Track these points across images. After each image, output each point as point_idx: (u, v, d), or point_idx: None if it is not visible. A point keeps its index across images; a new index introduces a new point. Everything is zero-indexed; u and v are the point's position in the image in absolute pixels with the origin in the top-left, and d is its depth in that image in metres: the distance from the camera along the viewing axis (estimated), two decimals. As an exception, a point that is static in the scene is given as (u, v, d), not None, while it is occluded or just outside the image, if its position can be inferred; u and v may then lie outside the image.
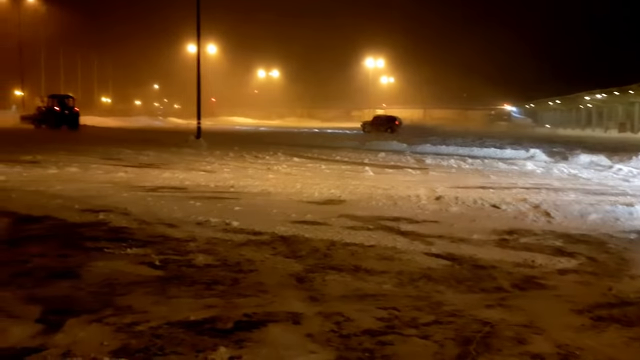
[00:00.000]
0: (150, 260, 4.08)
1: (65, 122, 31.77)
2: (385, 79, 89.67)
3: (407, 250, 4.58)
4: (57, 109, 32.77)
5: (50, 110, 32.90)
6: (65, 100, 34.04)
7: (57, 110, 32.77)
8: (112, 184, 8.23)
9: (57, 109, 32.77)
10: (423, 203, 6.92)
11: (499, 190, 8.53)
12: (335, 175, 10.27)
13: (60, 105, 33.22)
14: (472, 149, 18.42)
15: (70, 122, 32.03)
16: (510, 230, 5.49)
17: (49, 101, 33.79)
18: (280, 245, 4.62)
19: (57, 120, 31.95)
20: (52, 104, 33.32)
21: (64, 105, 33.29)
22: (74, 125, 31.92)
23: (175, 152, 15.55)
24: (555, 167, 12.91)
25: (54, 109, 32.82)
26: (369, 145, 19.99)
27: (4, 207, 6.03)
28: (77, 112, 33.50)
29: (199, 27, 23.36)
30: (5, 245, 4.44)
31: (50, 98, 34.25)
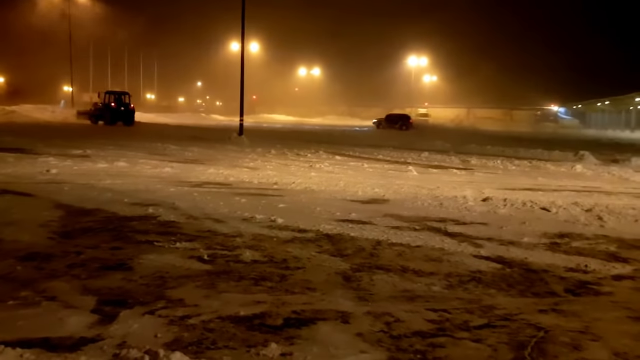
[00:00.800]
0: (199, 254, 4.13)
1: (120, 119, 32.25)
2: (428, 78, 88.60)
3: (455, 252, 4.50)
4: (113, 105, 33.23)
5: (106, 106, 33.31)
6: (121, 97, 34.52)
7: (114, 106, 33.22)
8: (159, 178, 8.40)
9: (113, 105, 33.23)
10: (470, 204, 6.79)
11: (548, 192, 8.31)
12: (378, 174, 10.20)
13: (117, 101, 33.69)
14: (518, 149, 18.02)
15: (126, 118, 32.45)
16: (562, 233, 5.34)
17: (106, 97, 34.25)
18: (326, 244, 4.61)
19: (113, 116, 32.41)
20: (109, 100, 33.75)
21: (120, 102, 33.76)
22: (129, 121, 32.27)
23: (219, 148, 15.77)
24: (606, 169, 12.51)
25: (110, 105, 33.25)
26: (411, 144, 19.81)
27: (57, 199, 6.22)
28: (132, 109, 33.90)
29: (243, 26, 23.60)
30: (60, 237, 4.57)
31: (107, 94, 34.73)
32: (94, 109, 34.95)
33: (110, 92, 35.50)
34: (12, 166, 9.16)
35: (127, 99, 34.50)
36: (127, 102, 34.20)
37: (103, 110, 33.33)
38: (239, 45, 27.58)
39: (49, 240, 4.47)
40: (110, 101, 33.64)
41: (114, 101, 33.66)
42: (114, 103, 33.46)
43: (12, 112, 35.66)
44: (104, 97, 34.31)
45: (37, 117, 35.49)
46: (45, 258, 3.96)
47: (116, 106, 33.31)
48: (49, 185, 7.33)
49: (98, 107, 34.32)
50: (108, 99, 33.88)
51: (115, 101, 33.70)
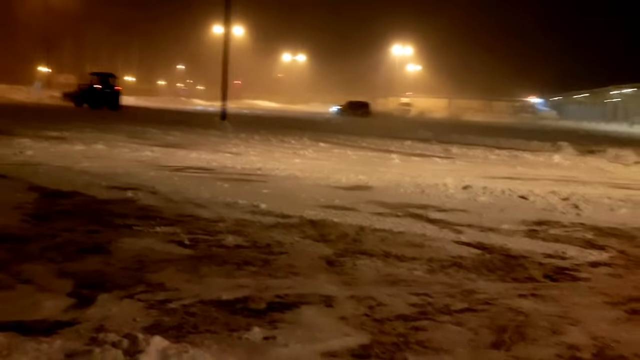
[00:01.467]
0: (179, 239, 4.08)
1: (105, 102, 29.96)
2: (412, 67, 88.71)
3: (436, 238, 4.52)
4: (97, 87, 31.02)
5: (91, 88, 31.17)
6: (107, 79, 32.22)
7: (98, 88, 30.98)
8: (138, 162, 8.29)
9: (97, 87, 31.02)
10: (451, 192, 6.84)
11: (526, 181, 8.40)
12: (362, 162, 10.21)
13: (102, 83, 31.46)
14: (499, 139, 18.19)
15: (111, 101, 30.10)
16: (540, 221, 5.40)
17: (91, 79, 32.19)
18: (310, 229, 4.60)
19: (97, 99, 30.24)
20: (93, 82, 31.64)
21: (106, 84, 31.52)
22: (114, 105, 29.95)
23: (201, 133, 15.63)
24: (582, 160, 12.71)
25: (94, 87, 31.06)
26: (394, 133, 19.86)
27: (32, 181, 6.09)
28: (118, 91, 31.61)
29: (227, 9, 23.34)
30: (35, 220, 4.48)
31: (92, 75, 32.62)
32: (78, 91, 32.97)
33: (95, 73, 33.34)
34: (-14, 147, 8.97)
35: (113, 81, 32.36)
36: (112, 84, 32.04)
37: (88, 92, 31.25)
38: (222, 29, 27.22)
39: (23, 222, 4.37)
40: (94, 83, 31.53)
41: (99, 83, 31.48)
42: (99, 85, 31.27)
43: (-15, 92, 34.78)
44: (90, 78, 32.32)
45: (12, 97, 34.55)
46: (19, 240, 3.87)
47: (101, 88, 31.09)
48: (24, 167, 7.18)
49: (83, 89, 32.32)
50: (93, 81, 31.85)
51: (101, 83, 31.50)
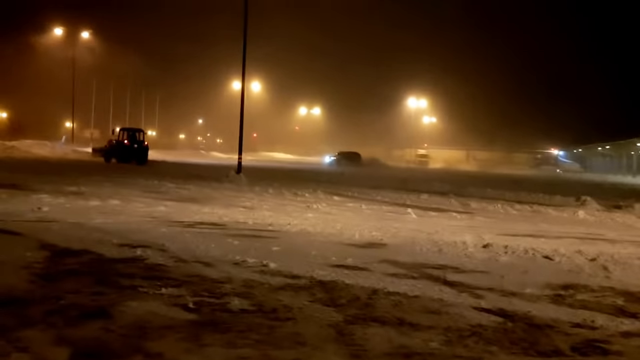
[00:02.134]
0: (184, 302, 3.92)
1: (133, 157, 30.45)
2: (427, 119, 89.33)
3: (454, 304, 4.28)
4: (126, 143, 31.69)
5: (119, 143, 31.86)
6: (135, 134, 32.95)
7: (127, 144, 31.67)
8: (151, 218, 8.22)
9: (126, 143, 31.69)
10: (470, 251, 6.59)
11: (550, 239, 8.11)
12: (376, 217, 10.03)
13: (130, 138, 32.15)
14: (519, 193, 17.89)
15: (139, 156, 30.55)
16: (566, 285, 5.11)
17: (119, 134, 32.92)
18: (319, 292, 4.40)
19: (125, 154, 30.73)
20: (122, 137, 32.35)
21: (133, 139, 32.16)
22: (142, 160, 30.37)
23: (216, 187, 15.64)
24: (609, 216, 12.33)
25: (123, 143, 31.76)
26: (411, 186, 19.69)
27: (44, 239, 6.03)
28: (146, 147, 32.24)
29: (244, 65, 23.84)
30: (42, 280, 4.37)
31: (121, 131, 33.37)
32: (107, 146, 33.60)
33: (124, 129, 34.15)
34: (4, 203, 8.98)
35: (141, 136, 33.06)
36: (140, 139, 32.64)
37: (116, 147, 31.85)
38: (240, 84, 27.77)
39: (30, 283, 4.27)
40: (123, 138, 32.20)
41: (127, 138, 32.18)
42: (127, 140, 31.97)
43: (12, 148, 35.45)
44: (118, 134, 32.94)
45: (36, 152, 35.21)
46: (24, 303, 3.75)
47: (129, 144, 31.72)
48: (38, 223, 7.15)
49: (112, 145, 33.02)
50: (121, 136, 32.53)
51: (129, 138, 32.19)
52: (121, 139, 32.21)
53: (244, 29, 23.24)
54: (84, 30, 53.26)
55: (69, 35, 52.42)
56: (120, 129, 34.08)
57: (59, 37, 53.54)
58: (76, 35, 52.17)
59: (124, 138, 32.25)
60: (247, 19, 22.98)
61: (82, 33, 53.05)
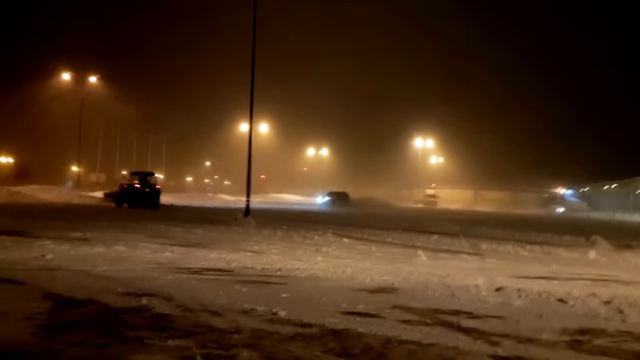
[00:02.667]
0: (191, 354, 3.79)
1: (145, 201, 29.64)
2: (435, 159, 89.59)
3: (470, 351, 4.13)
4: (137, 187, 30.67)
5: (130, 187, 30.89)
6: (146, 178, 32.02)
7: (138, 187, 30.67)
8: (157, 264, 8.11)
9: (137, 187, 30.67)
10: (483, 295, 6.44)
11: (563, 281, 7.93)
12: (387, 259, 9.88)
13: (141, 182, 31.15)
14: (529, 233, 17.69)
15: (150, 200, 29.64)
16: (582, 329, 4.96)
17: (130, 178, 32.16)
18: (331, 341, 4.26)
19: (137, 198, 29.84)
20: (133, 181, 31.40)
21: (145, 183, 31.21)
22: (153, 204, 29.49)
23: (224, 230, 15.54)
24: (620, 256, 12.11)
25: (134, 186, 30.74)
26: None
27: (47, 288, 5.93)
28: (158, 190, 31.21)
29: (251, 108, 24.09)
30: (44, 332, 4.26)
31: (132, 175, 32.62)
32: (119, 191, 32.56)
33: (135, 172, 33.34)
34: (8, 250, 8.90)
35: (153, 180, 32.18)
36: (152, 183, 31.72)
37: (127, 191, 30.84)
38: (248, 126, 28.01)
39: (32, 336, 4.15)
40: (134, 182, 31.21)
41: (139, 182, 31.16)
42: (138, 184, 30.92)
43: (17, 193, 35.30)
44: (129, 177, 32.26)
45: (42, 197, 34.98)
46: (26, 357, 3.64)
47: (141, 187, 30.71)
48: (41, 272, 7.05)
49: (123, 189, 31.94)
50: (132, 180, 31.66)
51: (140, 182, 31.17)
52: (132, 183, 31.42)
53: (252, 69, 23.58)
54: (90, 75, 54.19)
55: (75, 79, 53.33)
56: (131, 172, 33.49)
57: (65, 82, 54.42)
58: (83, 80, 53.06)
59: (135, 182, 31.43)
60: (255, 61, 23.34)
61: (89, 78, 53.95)
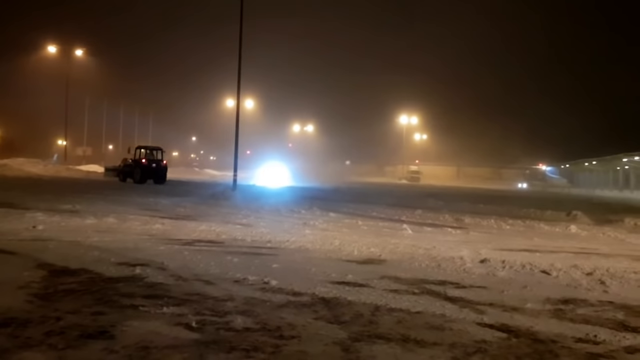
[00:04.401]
0: (186, 321, 3.88)
1: (151, 176, 29.05)
2: (418, 136, 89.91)
3: (457, 319, 4.28)
4: (144, 162, 29.92)
5: (136, 162, 30.09)
6: (153, 152, 31.18)
7: (144, 163, 29.91)
8: (149, 235, 8.16)
9: (144, 162, 29.92)
10: (468, 266, 6.60)
11: (545, 254, 8.15)
12: (373, 233, 10.02)
13: (149, 157, 30.47)
14: (511, 209, 17.97)
15: (157, 176, 29.09)
16: (565, 299, 5.14)
17: (136, 152, 30.96)
18: (322, 309, 4.38)
19: (143, 173, 29.11)
20: (139, 156, 30.53)
21: (152, 158, 30.51)
22: (160, 179, 29.01)
23: (212, 204, 15.58)
24: (600, 230, 12.41)
25: (140, 162, 29.97)
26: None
27: (40, 258, 5.96)
28: (165, 166, 30.51)
29: (239, 84, 23.96)
30: (40, 300, 4.31)
31: (138, 149, 31.38)
32: (123, 166, 31.93)
33: (141, 146, 32.18)
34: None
35: (160, 155, 31.18)
36: (159, 158, 30.92)
37: (132, 167, 30.19)
38: (234, 102, 27.87)
39: (28, 303, 4.20)
40: (140, 157, 30.39)
41: (145, 157, 30.40)
42: (144, 159, 30.16)
43: (4, 166, 35.07)
44: (134, 152, 30.96)
45: (29, 170, 34.81)
46: (22, 324, 3.68)
47: (147, 163, 30.00)
48: (33, 242, 7.06)
49: (127, 164, 31.31)
50: (138, 155, 30.69)
51: (147, 157, 30.44)
52: (138, 158, 30.47)
53: (239, 44, 23.40)
54: (77, 49, 53.22)
55: (62, 53, 52.41)
56: (137, 147, 31.87)
57: (52, 55, 53.45)
58: (69, 53, 52.14)
59: (141, 157, 30.52)
60: (242, 35, 23.13)
61: (75, 51, 52.98)
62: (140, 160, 30.30)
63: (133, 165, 30.41)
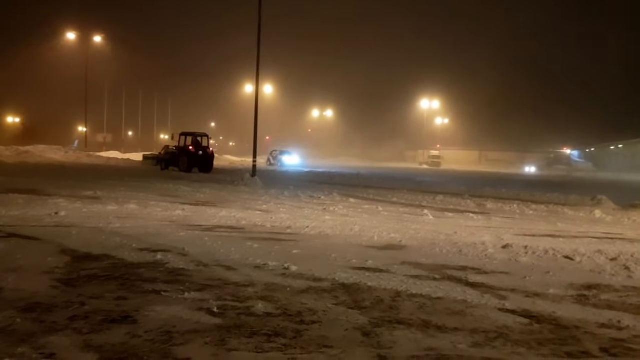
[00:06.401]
0: (208, 306, 3.91)
1: (198, 165, 27.32)
2: (440, 120, 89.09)
3: (478, 305, 4.25)
4: (191, 149, 28.02)
5: (182, 150, 28.22)
6: (199, 139, 29.11)
7: (192, 150, 27.98)
8: (169, 222, 8.24)
9: (191, 149, 28.02)
10: (490, 252, 6.54)
11: (569, 239, 8.04)
12: (393, 218, 9.97)
13: (195, 145, 28.50)
14: (534, 193, 17.74)
15: (204, 164, 27.37)
16: (589, 285, 5.07)
17: (181, 139, 28.90)
18: (342, 294, 4.38)
19: (191, 162, 27.37)
20: (186, 143, 28.57)
21: (198, 146, 28.57)
22: (207, 168, 27.32)
23: (232, 190, 15.66)
24: (625, 215, 12.18)
25: (188, 149, 28.05)
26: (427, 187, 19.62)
27: (63, 244, 6.05)
28: (212, 154, 28.88)
29: (258, 68, 23.91)
30: (64, 286, 4.39)
31: (183, 136, 29.17)
32: (165, 153, 30.42)
33: (186, 133, 29.71)
34: (22, 208, 9.03)
35: (207, 142, 29.32)
36: (206, 145, 29.00)
37: (178, 155, 28.29)
38: (253, 87, 27.85)
39: (52, 289, 4.28)
40: (187, 144, 28.45)
41: (193, 144, 28.39)
42: (192, 147, 28.20)
43: (26, 153, 35.58)
44: (178, 139, 29.00)
45: (51, 157, 35.30)
46: (47, 309, 3.76)
47: (195, 150, 28.05)
48: (56, 228, 7.17)
49: (170, 152, 29.69)
50: (184, 142, 28.66)
51: (194, 144, 28.44)
52: (185, 145, 28.53)
53: (258, 29, 23.33)
54: (96, 35, 53.61)
55: (81, 40, 52.85)
56: (180, 133, 29.64)
57: (71, 42, 53.93)
58: (89, 40, 52.55)
59: (187, 144, 28.57)
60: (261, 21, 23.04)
61: (94, 38, 53.38)
62: (187, 147, 28.36)
63: (177, 153, 28.60)
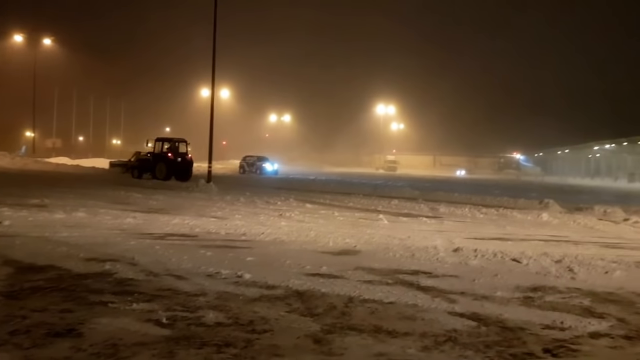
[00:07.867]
0: (157, 317, 3.84)
1: (175, 172, 25.39)
2: (396, 126, 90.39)
3: (429, 309, 4.32)
4: (170, 156, 25.97)
5: (159, 156, 26.10)
6: (176, 145, 26.91)
7: (170, 157, 25.95)
8: (120, 230, 8.04)
9: (170, 156, 25.97)
10: (441, 255, 6.67)
11: (517, 242, 8.28)
12: (349, 223, 10.04)
13: (173, 151, 26.44)
14: (485, 197, 18.18)
15: (182, 172, 25.33)
16: (534, 287, 5.24)
17: (156, 145, 26.79)
18: (295, 301, 4.38)
19: (169, 169, 25.45)
20: (161, 149, 26.40)
21: (176, 152, 26.48)
22: (186, 176, 25.19)
23: (186, 196, 15.43)
24: (571, 218, 12.63)
25: (166, 156, 25.95)
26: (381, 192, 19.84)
27: (7, 255, 5.82)
28: (191, 160, 26.68)
29: (213, 73, 23.70)
30: (5, 299, 4.22)
31: (158, 142, 27.07)
32: (137, 160, 28.33)
33: (163, 139, 27.71)
34: (-37, 217, 8.65)
35: (185, 148, 26.90)
36: (184, 151, 26.72)
37: (154, 161, 26.14)
38: (209, 92, 27.44)
39: (-6, 302, 4.12)
40: (164, 150, 26.33)
41: (170, 150, 26.31)
42: (170, 153, 26.12)
43: (-32, 159, 34.13)
44: (154, 145, 26.93)
45: (-6, 163, 33.93)
46: (-13, 323, 3.61)
47: (173, 157, 26.02)
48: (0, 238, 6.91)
49: (143, 158, 27.53)
50: (161, 148, 26.53)
51: (171, 150, 26.35)
52: (162, 152, 26.42)
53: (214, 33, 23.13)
54: (45, 37, 51.91)
55: (29, 42, 51.07)
56: (156, 139, 27.53)
57: (19, 44, 52.05)
58: (37, 42, 50.83)
59: (164, 150, 26.44)
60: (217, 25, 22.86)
61: (44, 40, 51.66)
62: (165, 154, 26.24)
63: (153, 159, 26.41)
